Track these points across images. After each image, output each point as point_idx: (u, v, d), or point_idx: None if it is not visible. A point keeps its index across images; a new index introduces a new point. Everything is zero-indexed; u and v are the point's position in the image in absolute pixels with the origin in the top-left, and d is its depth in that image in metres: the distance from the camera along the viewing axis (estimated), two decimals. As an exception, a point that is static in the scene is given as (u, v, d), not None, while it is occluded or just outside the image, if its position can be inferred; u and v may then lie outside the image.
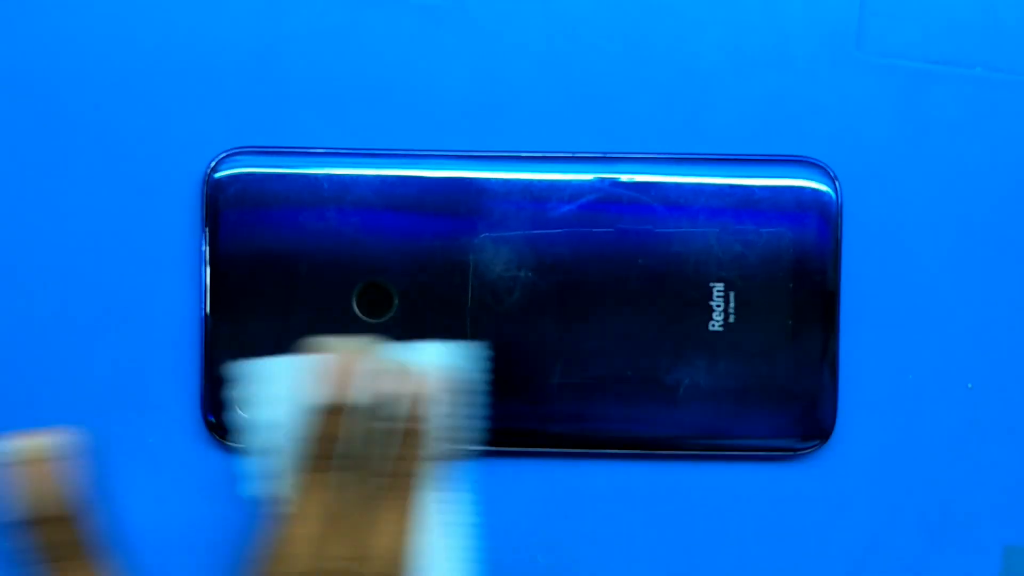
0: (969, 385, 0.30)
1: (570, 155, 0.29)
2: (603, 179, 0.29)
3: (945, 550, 0.30)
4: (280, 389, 0.26)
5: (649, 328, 0.29)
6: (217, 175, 0.29)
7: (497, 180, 0.29)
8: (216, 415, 0.29)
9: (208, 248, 0.29)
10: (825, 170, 0.29)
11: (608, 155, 0.29)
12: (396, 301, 0.29)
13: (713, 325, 0.29)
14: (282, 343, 0.29)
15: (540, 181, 0.29)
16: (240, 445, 0.29)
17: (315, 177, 0.29)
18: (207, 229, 0.29)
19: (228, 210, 0.29)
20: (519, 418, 0.29)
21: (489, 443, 0.29)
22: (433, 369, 0.26)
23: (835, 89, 0.29)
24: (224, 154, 0.29)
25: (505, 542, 0.30)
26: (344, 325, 0.29)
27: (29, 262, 0.29)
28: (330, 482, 0.25)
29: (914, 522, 0.30)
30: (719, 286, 0.29)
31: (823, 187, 0.29)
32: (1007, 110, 0.29)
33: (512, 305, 0.29)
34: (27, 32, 0.29)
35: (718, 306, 0.29)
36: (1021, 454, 0.30)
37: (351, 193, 0.29)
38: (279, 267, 0.29)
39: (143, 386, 0.30)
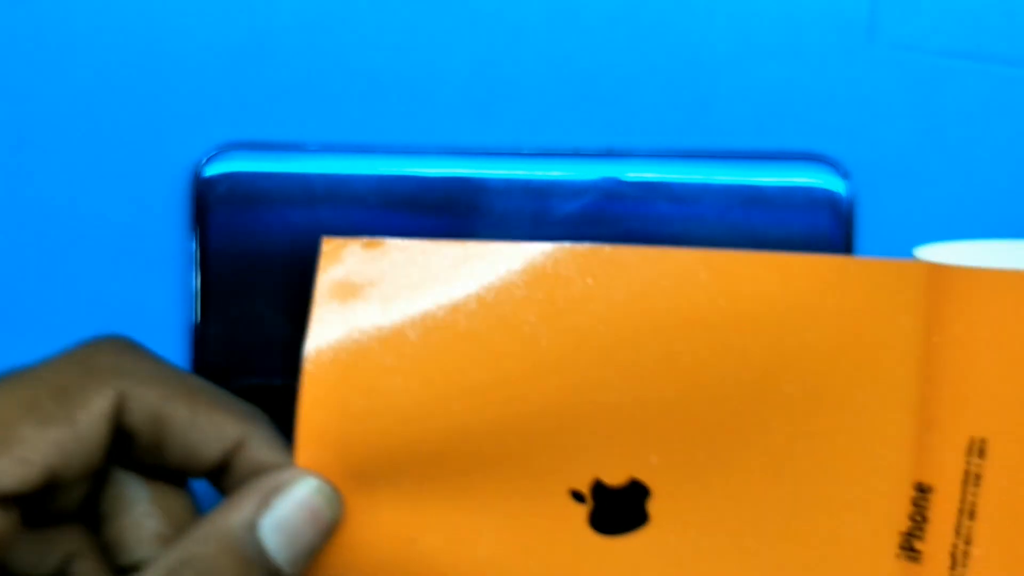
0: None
1: (573, 152, 0.29)
2: (607, 177, 0.29)
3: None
4: None
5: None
6: (207, 173, 0.29)
7: (497, 178, 0.29)
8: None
9: (198, 248, 0.29)
10: (837, 167, 0.28)
11: (612, 152, 0.29)
12: (393, 302, 0.29)
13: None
14: (274, 344, 0.29)
15: (542, 179, 0.29)
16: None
17: (309, 175, 0.29)
18: (197, 228, 0.29)
19: (219, 209, 0.29)
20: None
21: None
22: None
23: (847, 83, 0.29)
24: (214, 151, 0.29)
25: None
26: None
27: (13, 262, 0.29)
28: None
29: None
30: (727, 287, 0.29)
31: (834, 184, 0.28)
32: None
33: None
34: (12, 27, 0.29)
35: (726, 307, 0.28)
36: None
37: (346, 191, 0.29)
38: (271, 267, 0.29)
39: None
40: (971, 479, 0.23)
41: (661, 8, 0.29)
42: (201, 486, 0.23)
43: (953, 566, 0.23)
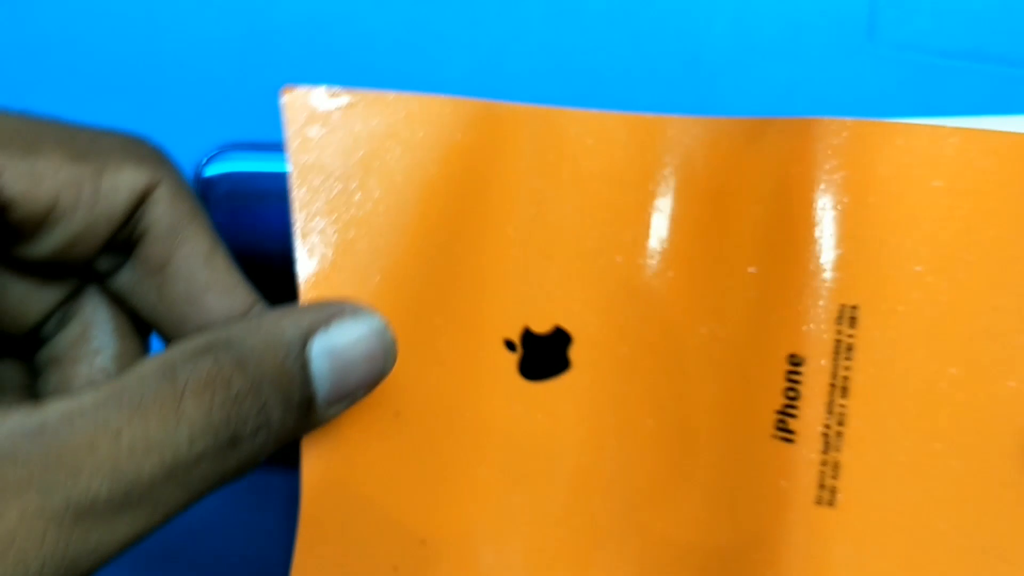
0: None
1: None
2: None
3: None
4: None
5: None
6: (207, 173, 0.28)
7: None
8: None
9: (198, 248, 0.28)
10: (836, 166, 0.28)
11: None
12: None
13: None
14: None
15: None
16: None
17: (309, 174, 0.29)
18: (197, 228, 0.28)
19: (219, 208, 0.28)
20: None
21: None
22: None
23: (847, 83, 0.29)
24: (215, 151, 0.29)
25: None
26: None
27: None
28: None
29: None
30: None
31: (834, 184, 0.28)
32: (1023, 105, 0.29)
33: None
34: (17, 29, 0.29)
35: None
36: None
37: (346, 191, 0.28)
38: (271, 265, 0.28)
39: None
40: (843, 350, 0.21)
41: (661, 9, 0.29)
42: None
43: (826, 449, 0.22)
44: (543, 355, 0.24)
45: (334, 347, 0.18)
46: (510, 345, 0.24)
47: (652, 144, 0.23)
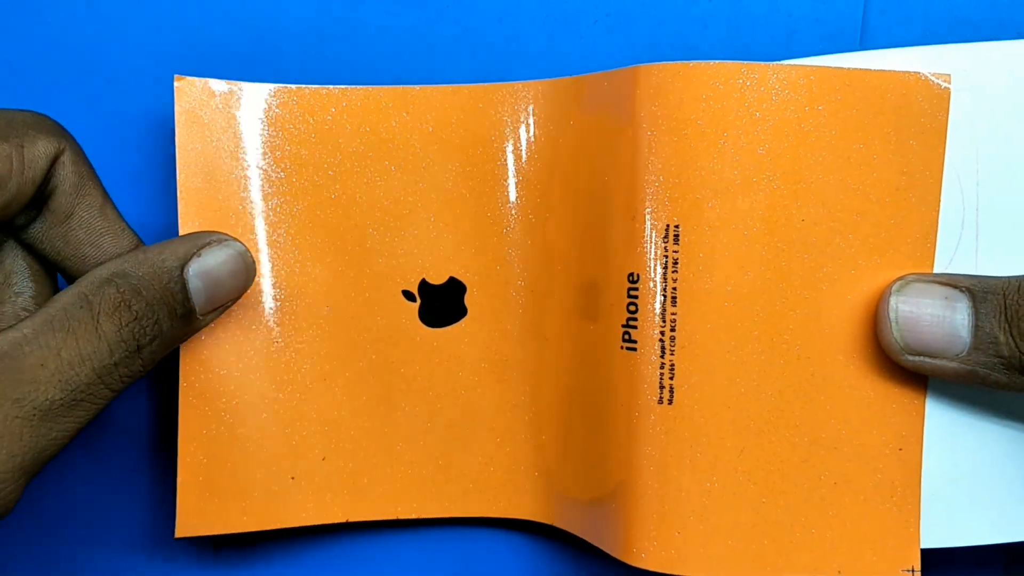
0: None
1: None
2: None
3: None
4: None
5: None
6: None
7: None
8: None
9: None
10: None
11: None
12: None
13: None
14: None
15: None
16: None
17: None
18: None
19: None
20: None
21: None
22: None
23: None
24: None
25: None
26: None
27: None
28: None
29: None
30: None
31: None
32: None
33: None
34: (23, 30, 0.29)
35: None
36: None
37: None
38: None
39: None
40: (669, 264, 0.24)
41: (658, 15, 0.29)
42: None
43: (662, 353, 0.24)
44: (441, 303, 0.27)
45: (205, 269, 0.24)
46: (409, 295, 0.27)
47: (507, 109, 0.27)
